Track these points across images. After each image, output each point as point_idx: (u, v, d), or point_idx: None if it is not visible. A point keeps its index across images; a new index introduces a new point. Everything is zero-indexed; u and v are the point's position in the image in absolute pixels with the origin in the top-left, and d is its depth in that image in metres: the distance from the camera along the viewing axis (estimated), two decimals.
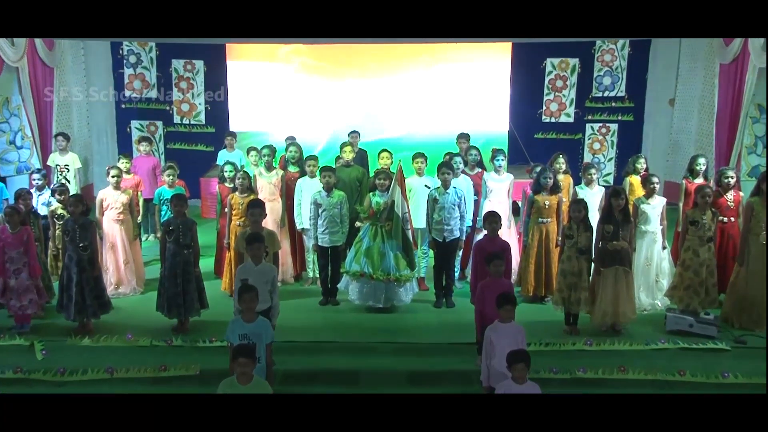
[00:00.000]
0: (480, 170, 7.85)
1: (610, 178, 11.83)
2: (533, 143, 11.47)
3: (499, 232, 6.32)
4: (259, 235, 5.58)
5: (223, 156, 10.06)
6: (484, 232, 6.28)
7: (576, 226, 6.29)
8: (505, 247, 6.01)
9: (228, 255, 7.20)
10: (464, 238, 7.11)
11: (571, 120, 11.82)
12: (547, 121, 11.84)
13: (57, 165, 9.22)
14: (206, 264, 8.00)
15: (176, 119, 11.96)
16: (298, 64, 11.16)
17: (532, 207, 7.08)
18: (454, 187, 6.96)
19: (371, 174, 7.81)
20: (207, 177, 11.04)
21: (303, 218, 7.42)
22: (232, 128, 11.01)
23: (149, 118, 11.95)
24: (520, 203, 7.87)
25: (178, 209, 6.35)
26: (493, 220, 6.12)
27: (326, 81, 11.17)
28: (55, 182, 8.67)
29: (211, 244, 8.35)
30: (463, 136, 8.85)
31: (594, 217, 6.73)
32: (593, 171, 7.53)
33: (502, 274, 5.50)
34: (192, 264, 6.33)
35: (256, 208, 6.08)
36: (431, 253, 7.33)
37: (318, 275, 7.43)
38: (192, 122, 11.92)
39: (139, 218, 8.25)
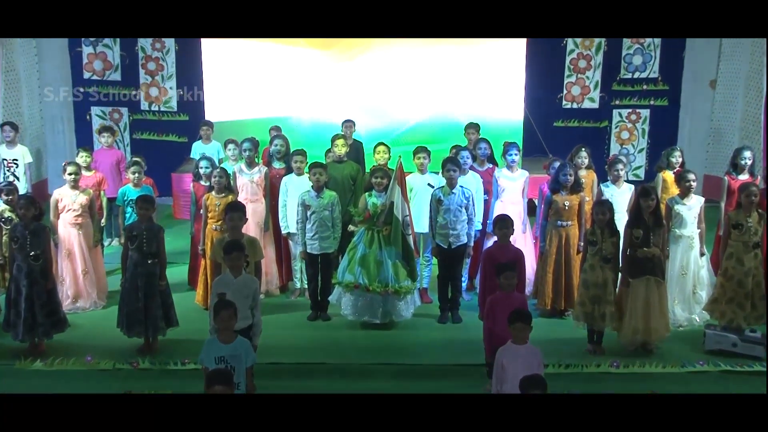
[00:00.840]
0: (491, 166, 7.89)
1: (641, 172, 11.88)
2: (552, 133, 11.51)
3: (512, 238, 6.36)
4: (238, 243, 5.59)
5: (197, 149, 10.09)
6: (494, 237, 6.30)
7: (600, 231, 6.32)
8: (518, 256, 6.03)
9: (203, 263, 7.24)
10: (472, 243, 7.14)
11: (595, 105, 11.85)
12: (568, 107, 11.87)
13: (3, 160, 9.23)
14: (179, 272, 8.10)
15: (144, 106, 11.97)
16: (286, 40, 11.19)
17: (549, 208, 7.11)
18: (461, 186, 6.98)
19: (367, 170, 7.84)
20: (180, 172, 11.09)
21: (289, 221, 7.44)
22: (208, 117, 11.03)
23: (112, 104, 11.97)
24: (536, 201, 7.93)
25: (143, 212, 6.37)
26: (503, 225, 6.14)
27: (320, 60, 11.17)
28: (1, 180, 8.67)
29: (184, 250, 8.40)
30: (472, 127, 8.88)
31: (622, 220, 6.76)
32: (620, 167, 7.56)
33: (514, 288, 5.53)
34: (156, 276, 6.35)
35: (236, 211, 6.10)
36: (435, 261, 7.36)
37: (306, 286, 7.46)
38: (162, 109, 11.95)
39: (102, 221, 8.27)
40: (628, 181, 7.77)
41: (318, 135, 10.10)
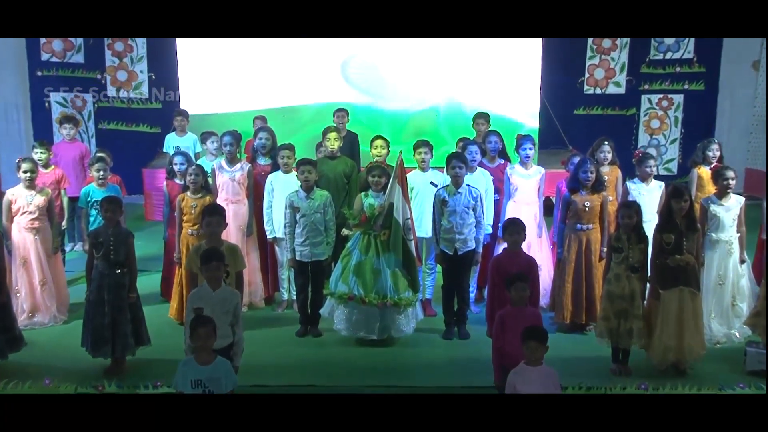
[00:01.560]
0: (502, 162, 7.92)
1: (673, 165, 11.94)
2: (572, 121, 11.60)
3: (525, 244, 6.40)
4: (217, 252, 5.62)
5: (171, 141, 10.17)
6: (504, 244, 6.34)
7: (626, 236, 6.34)
8: (530, 265, 6.05)
9: (178, 272, 7.28)
10: (481, 249, 7.18)
11: (622, 90, 11.92)
12: (591, 92, 11.94)
13: None
14: (151, 282, 8.14)
15: (110, 91, 12.05)
16: None
17: (568, 210, 7.14)
18: (468, 185, 7.02)
19: (363, 167, 7.88)
20: (151, 168, 11.19)
21: (276, 225, 7.48)
22: (183, 105, 11.07)
23: (75, 89, 11.99)
24: (554, 200, 7.97)
25: (109, 216, 6.39)
26: (514, 230, 6.16)
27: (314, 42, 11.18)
28: None
29: (157, 256, 8.43)
30: (481, 117, 8.90)
31: (651, 223, 6.78)
32: (651, 162, 7.59)
33: (526, 301, 5.55)
34: (125, 287, 6.38)
35: (214, 215, 6.13)
36: (439, 269, 7.38)
37: (295, 298, 7.50)
38: (131, 95, 12.03)
39: (63, 224, 8.30)
40: (658, 178, 7.79)
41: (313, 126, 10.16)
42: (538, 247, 7.68)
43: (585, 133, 11.18)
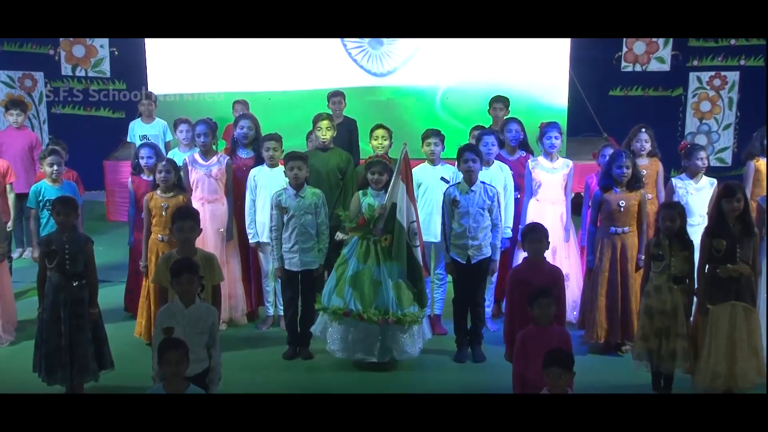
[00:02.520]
0: (524, 154, 7.97)
1: (727, 155, 11.97)
2: (607, 104, 11.66)
3: (550, 250, 6.47)
4: (189, 263, 5.66)
5: (137, 129, 10.20)
6: (524, 253, 6.39)
7: (668, 241, 6.38)
8: (555, 277, 6.10)
9: (145, 283, 7.33)
10: (499, 257, 7.23)
11: (666, 67, 11.96)
12: (629, 69, 11.97)
13: None
14: (114, 295, 8.17)
15: (65, 69, 12.08)
16: None
17: (599, 210, 7.17)
18: (483, 182, 7.06)
19: (363, 158, 7.91)
20: (114, 159, 11.23)
21: (259, 228, 7.53)
22: (151, 87, 11.05)
23: (22, 66, 12.04)
24: (583, 194, 8.02)
25: (63, 220, 6.43)
26: (536, 237, 6.20)
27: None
28: None
29: (121, 263, 8.47)
30: (499, 101, 8.97)
31: (700, 227, 6.80)
32: (701, 155, 7.61)
33: (552, 320, 5.60)
34: (85, 302, 6.43)
35: (186, 220, 6.17)
36: (450, 280, 7.44)
37: (282, 314, 7.55)
38: (90, 74, 12.07)
39: (9, 225, 8.33)
40: (708, 173, 7.78)
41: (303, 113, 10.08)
42: (564, 252, 7.73)
43: (622, 118, 11.19)
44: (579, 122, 11.22)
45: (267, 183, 7.48)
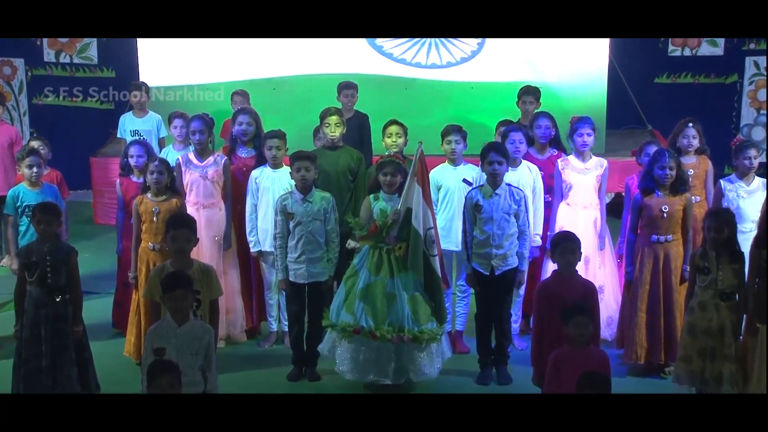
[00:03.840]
0: (555, 152, 8.04)
1: None
2: (652, 93, 11.64)
3: (581, 260, 6.49)
4: (183, 276, 5.75)
5: (128, 124, 10.29)
6: (553, 265, 6.46)
7: (716, 253, 6.39)
8: (589, 292, 6.16)
9: (135, 296, 7.39)
10: (527, 267, 7.31)
11: (719, 51, 11.93)
12: (678, 53, 11.96)
13: None
14: (102, 309, 8.26)
15: (48, 55, 12.19)
16: None
17: (639, 216, 7.23)
18: (509, 185, 7.11)
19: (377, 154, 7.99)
20: (102, 156, 11.29)
21: (262, 236, 7.63)
22: (143, 77, 11.10)
23: (0, 52, 12.15)
24: (624, 195, 8.07)
25: (44, 229, 6.48)
26: (567, 247, 6.24)
27: None
28: None
29: (110, 272, 8.57)
30: (529, 93, 9.02)
31: (751, 236, 6.77)
32: (752, 153, 7.60)
33: (588, 340, 5.68)
34: (68, 319, 6.49)
35: (181, 228, 6.26)
36: (473, 296, 7.57)
37: (287, 330, 7.64)
38: (76, 61, 12.18)
39: None
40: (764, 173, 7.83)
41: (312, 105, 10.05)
42: (599, 262, 7.80)
43: (669, 108, 11.24)
44: (620, 113, 11.28)
45: (270, 185, 7.57)
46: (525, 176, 7.56)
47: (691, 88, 11.92)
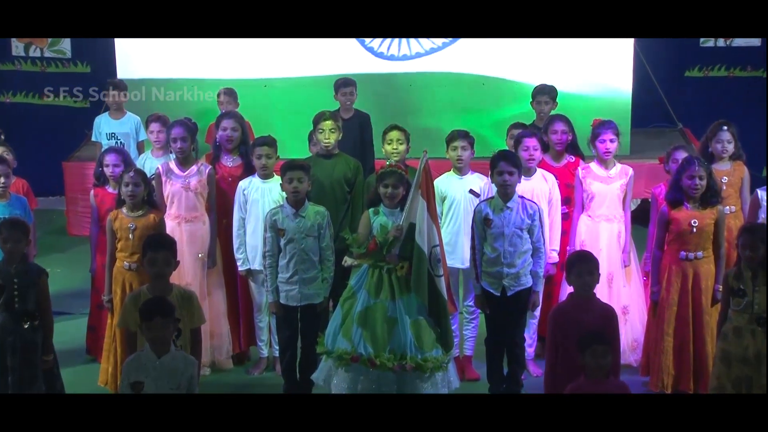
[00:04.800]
0: (572, 159, 8.05)
1: None
2: (683, 88, 11.65)
3: (604, 277, 6.60)
4: (163, 304, 5.75)
5: (103, 126, 10.31)
6: (568, 287, 6.47)
7: (751, 273, 6.38)
8: (608, 319, 6.16)
9: (110, 320, 7.36)
10: (542, 288, 7.29)
11: (755, 42, 11.88)
12: (710, 44, 11.93)
13: None
14: (75, 332, 8.30)
15: (16, 49, 12.22)
16: None
17: (667, 231, 7.22)
18: (522, 197, 7.11)
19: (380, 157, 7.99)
20: (76, 160, 11.33)
21: (250, 253, 7.67)
22: (120, 73, 11.17)
23: None
24: (650, 204, 8.08)
25: (11, 248, 6.51)
26: (584, 269, 6.23)
27: None
28: None
29: (85, 290, 8.59)
30: (544, 92, 9.05)
31: None
32: None
33: (607, 372, 5.68)
34: (37, 348, 6.50)
35: (160, 250, 6.27)
36: (482, 316, 7.56)
37: (278, 356, 7.64)
38: (47, 54, 12.19)
39: None
40: None
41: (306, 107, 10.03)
42: (622, 279, 7.80)
43: (701, 105, 11.34)
44: (647, 110, 11.30)
45: (259, 198, 7.60)
46: (540, 187, 7.58)
47: (724, 82, 11.92)
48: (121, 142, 9.98)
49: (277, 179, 7.47)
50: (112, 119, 10.37)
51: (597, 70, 11.05)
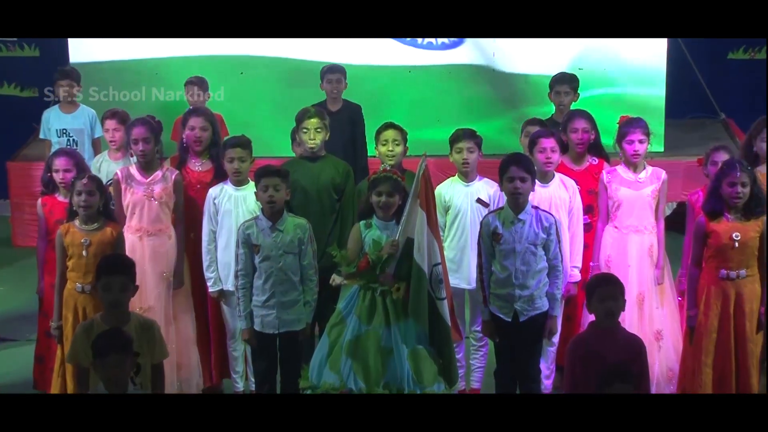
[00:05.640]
0: (594, 161, 7.99)
1: None
2: (725, 72, 11.53)
3: (631, 299, 6.60)
4: (119, 337, 5.63)
5: (53, 121, 10.23)
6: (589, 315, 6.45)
7: None
8: (636, 351, 6.13)
9: (60, 351, 7.30)
10: (560, 311, 7.24)
11: None
12: None
13: None
14: (21, 361, 8.26)
15: None
16: None
17: (704, 245, 7.14)
18: (536, 208, 7.05)
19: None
20: (23, 159, 11.44)
21: (222, 271, 7.61)
22: (73, 58, 11.20)
23: None
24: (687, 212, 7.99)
25: None
26: (606, 294, 6.18)
27: None
28: None
29: (31, 313, 8.50)
30: (563, 82, 9.07)
31: None
32: None
33: None
34: None
35: (115, 275, 6.17)
36: (491, 344, 7.48)
37: (254, 389, 7.58)
38: None
39: None
40: None
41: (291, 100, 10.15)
42: (655, 300, 7.73)
43: (746, 92, 11.32)
44: (683, 99, 11.30)
45: (232, 208, 7.53)
46: (558, 194, 7.50)
47: None
48: (74, 140, 9.94)
49: (252, 186, 7.39)
50: (63, 113, 10.25)
51: (625, 54, 11.06)
